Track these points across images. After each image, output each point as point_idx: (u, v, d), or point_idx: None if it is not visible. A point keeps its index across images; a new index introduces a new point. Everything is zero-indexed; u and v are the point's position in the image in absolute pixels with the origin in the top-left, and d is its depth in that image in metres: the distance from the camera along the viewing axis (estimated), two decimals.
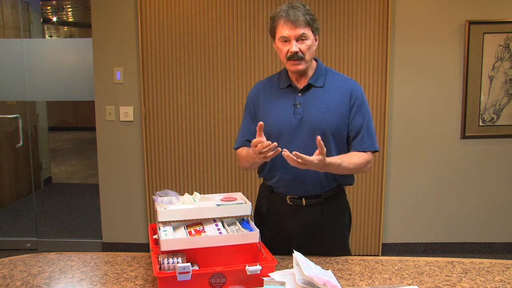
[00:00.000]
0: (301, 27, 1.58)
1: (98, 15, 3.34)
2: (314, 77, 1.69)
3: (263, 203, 1.83)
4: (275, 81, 1.77)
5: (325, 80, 1.69)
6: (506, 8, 3.24)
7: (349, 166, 1.61)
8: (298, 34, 1.58)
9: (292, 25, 1.58)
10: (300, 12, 1.58)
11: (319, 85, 1.68)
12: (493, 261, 1.60)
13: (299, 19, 1.57)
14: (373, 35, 3.23)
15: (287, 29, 1.59)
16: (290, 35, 1.59)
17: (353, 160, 1.63)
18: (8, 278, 1.49)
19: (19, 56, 3.58)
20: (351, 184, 1.80)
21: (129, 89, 3.38)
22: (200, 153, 3.40)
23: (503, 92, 3.34)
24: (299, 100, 1.67)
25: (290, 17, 1.57)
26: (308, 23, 1.59)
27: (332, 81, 1.70)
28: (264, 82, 1.82)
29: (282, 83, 1.73)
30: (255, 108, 1.77)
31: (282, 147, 1.62)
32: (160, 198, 1.60)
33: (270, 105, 1.72)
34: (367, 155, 1.67)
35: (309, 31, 1.60)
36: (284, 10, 1.60)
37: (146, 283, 1.45)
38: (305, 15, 1.58)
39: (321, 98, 1.66)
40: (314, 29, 1.62)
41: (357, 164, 1.63)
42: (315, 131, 1.62)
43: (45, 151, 5.42)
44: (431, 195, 3.46)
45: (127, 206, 3.50)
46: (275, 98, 1.72)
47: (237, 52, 3.29)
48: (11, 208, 4.63)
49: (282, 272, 1.41)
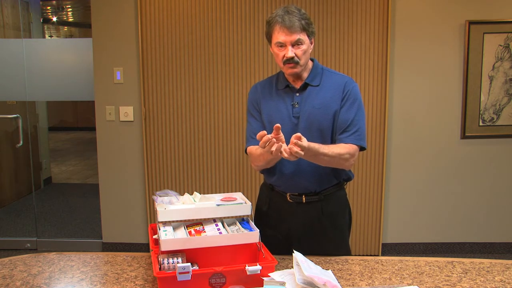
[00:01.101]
0: (297, 33, 1.58)
1: (98, 15, 3.34)
2: (310, 76, 1.71)
3: (263, 201, 1.84)
4: (274, 83, 1.78)
5: (321, 79, 1.71)
6: (506, 8, 3.24)
7: (328, 153, 1.56)
8: (293, 40, 1.59)
9: (288, 31, 1.58)
10: (295, 17, 1.58)
11: (315, 84, 1.70)
12: (493, 261, 1.60)
13: (294, 25, 1.57)
14: (373, 35, 3.23)
15: (283, 35, 1.59)
16: (286, 41, 1.60)
17: (334, 149, 1.59)
18: (8, 278, 1.49)
19: (19, 56, 3.58)
20: (351, 178, 1.79)
21: (129, 89, 3.38)
22: (200, 153, 3.40)
23: (503, 92, 3.34)
24: (297, 99, 1.69)
25: (285, 23, 1.58)
26: (303, 28, 1.59)
27: (328, 79, 1.71)
28: (263, 83, 1.82)
29: (280, 84, 1.75)
30: (258, 106, 1.77)
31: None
32: (160, 198, 1.60)
33: (270, 106, 1.73)
34: (350, 148, 1.62)
35: (304, 36, 1.61)
36: (280, 15, 1.60)
37: (146, 283, 1.45)
38: (301, 20, 1.59)
39: (316, 95, 1.68)
40: (309, 33, 1.63)
41: (338, 153, 1.58)
42: (311, 128, 1.65)
43: (45, 151, 5.42)
44: (431, 195, 3.46)
45: (127, 206, 3.50)
46: (274, 98, 1.74)
47: (237, 52, 3.29)
48: (11, 208, 4.63)
49: (282, 272, 1.41)
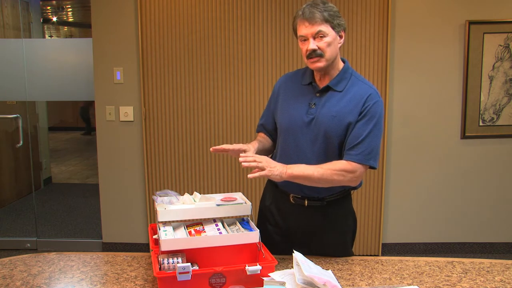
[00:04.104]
0: (317, 24, 1.54)
1: (98, 15, 3.34)
2: (335, 79, 1.63)
3: (267, 197, 1.83)
4: (300, 76, 1.75)
5: (346, 85, 1.63)
6: (506, 8, 3.24)
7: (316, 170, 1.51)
8: (314, 32, 1.55)
9: (308, 23, 1.55)
10: (317, 9, 1.54)
11: (338, 89, 1.62)
12: (493, 261, 1.60)
13: (314, 16, 1.53)
14: (373, 35, 3.23)
15: (304, 27, 1.57)
16: (307, 34, 1.56)
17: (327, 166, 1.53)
18: (8, 278, 1.49)
19: (19, 56, 3.58)
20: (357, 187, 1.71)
21: (129, 89, 3.38)
22: (200, 153, 3.40)
23: (503, 92, 3.34)
24: (315, 100, 1.64)
25: (305, 15, 1.55)
26: (326, 19, 1.54)
27: (352, 87, 1.62)
28: (291, 75, 1.80)
29: (305, 80, 1.71)
30: (276, 98, 1.78)
31: (290, 142, 1.66)
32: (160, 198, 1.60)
33: (288, 99, 1.71)
34: (349, 165, 1.54)
35: (327, 28, 1.55)
36: (302, 8, 1.58)
37: (146, 283, 1.45)
38: (323, 11, 1.54)
39: (336, 102, 1.61)
40: (334, 25, 1.56)
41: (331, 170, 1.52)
42: (321, 134, 1.60)
43: (45, 151, 5.42)
44: (431, 195, 3.46)
45: (127, 206, 3.50)
46: (294, 93, 1.71)
47: (237, 52, 3.29)
48: (11, 208, 4.63)
49: (282, 272, 1.41)
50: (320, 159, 1.60)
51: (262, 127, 1.85)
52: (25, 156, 4.70)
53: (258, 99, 3.31)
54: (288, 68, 3.26)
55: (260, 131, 1.86)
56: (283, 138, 1.71)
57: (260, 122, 1.86)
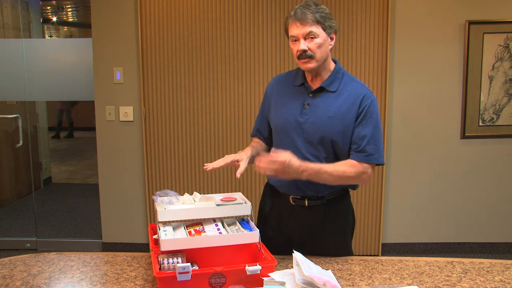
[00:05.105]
0: (309, 25, 1.55)
1: (98, 15, 3.34)
2: (328, 80, 1.64)
3: (266, 201, 1.83)
4: (292, 77, 1.75)
5: (339, 85, 1.64)
6: (506, 8, 3.24)
7: (333, 172, 1.55)
8: (305, 33, 1.56)
9: (300, 24, 1.56)
10: (309, 10, 1.55)
11: (332, 90, 1.63)
12: (493, 261, 1.60)
13: (306, 17, 1.54)
14: (373, 35, 3.23)
15: (295, 28, 1.57)
16: (298, 34, 1.57)
17: (339, 167, 1.57)
18: (8, 278, 1.49)
19: (19, 56, 3.58)
20: (357, 186, 1.74)
21: (129, 89, 3.38)
22: (200, 153, 3.40)
23: (503, 92, 3.34)
24: (309, 101, 1.65)
25: (297, 15, 1.56)
26: (317, 21, 1.55)
27: (346, 87, 1.64)
28: (282, 76, 1.81)
29: (297, 81, 1.71)
30: (269, 100, 1.78)
31: (285, 144, 1.67)
32: (160, 198, 1.60)
33: (281, 100, 1.72)
34: (361, 166, 1.58)
35: (318, 29, 1.56)
36: (294, 9, 1.59)
37: (146, 283, 1.45)
38: (315, 13, 1.55)
39: (331, 103, 1.62)
40: (325, 27, 1.57)
41: (343, 172, 1.56)
42: (317, 135, 1.61)
43: (45, 151, 5.42)
44: (431, 195, 3.46)
45: (127, 206, 3.50)
46: (287, 94, 1.72)
47: (237, 52, 3.29)
48: (11, 208, 4.63)
49: (282, 272, 1.41)
50: (317, 160, 1.62)
51: (257, 131, 1.85)
52: (25, 156, 4.70)
53: (258, 99, 3.31)
54: (287, 68, 3.26)
55: (255, 135, 1.86)
56: (278, 139, 1.72)
57: (255, 126, 1.87)
